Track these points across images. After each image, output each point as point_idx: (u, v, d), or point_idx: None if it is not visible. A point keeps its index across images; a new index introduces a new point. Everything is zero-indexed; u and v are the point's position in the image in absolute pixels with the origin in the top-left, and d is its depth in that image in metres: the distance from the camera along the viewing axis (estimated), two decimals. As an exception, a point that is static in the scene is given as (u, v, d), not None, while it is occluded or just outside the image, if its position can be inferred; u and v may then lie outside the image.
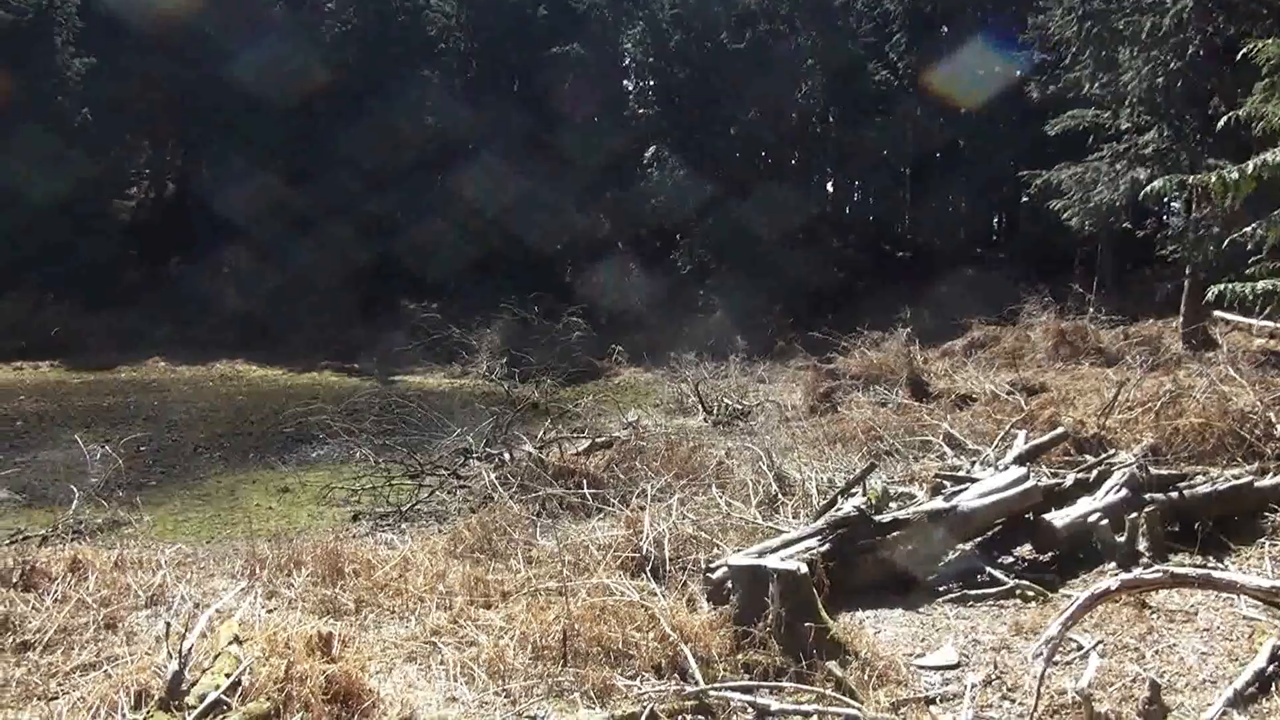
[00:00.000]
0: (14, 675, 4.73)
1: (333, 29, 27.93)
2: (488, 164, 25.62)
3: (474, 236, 24.76)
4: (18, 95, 23.32)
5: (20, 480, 9.54)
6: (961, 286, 21.22)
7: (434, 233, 24.50)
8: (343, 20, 27.92)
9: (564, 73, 27.18)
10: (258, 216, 24.53)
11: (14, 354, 20.77)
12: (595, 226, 27.36)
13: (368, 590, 5.99)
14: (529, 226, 24.88)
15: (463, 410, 13.22)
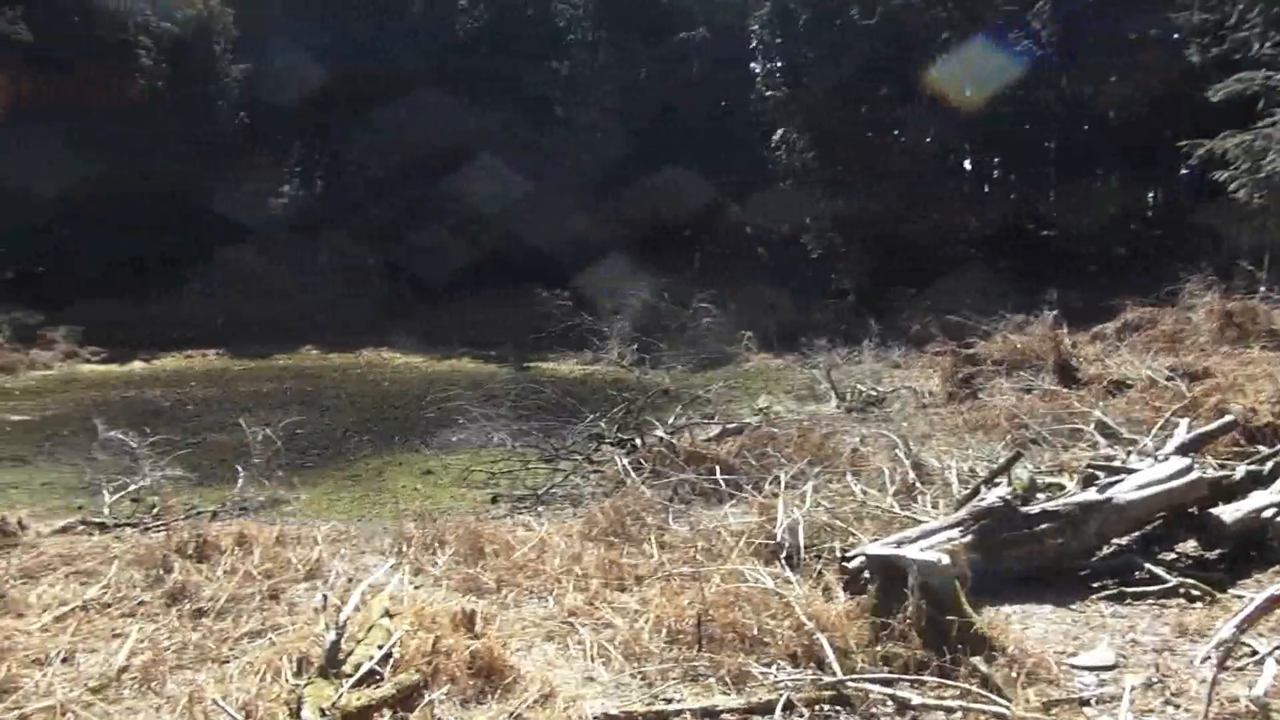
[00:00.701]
0: (191, 639, 5.11)
1: (465, 24, 28.85)
2: (615, 147, 25.88)
3: (606, 219, 25.08)
4: (183, 99, 25.05)
5: (192, 460, 10.24)
6: (1113, 265, 20.00)
7: (561, 216, 24.95)
8: (474, 17, 28.76)
9: (690, 57, 27.12)
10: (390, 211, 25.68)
11: (185, 344, 22.46)
12: (721, 210, 27.23)
13: (507, 570, 6.17)
14: (657, 208, 24.99)
15: (595, 396, 13.44)
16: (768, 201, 26.77)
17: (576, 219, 25.21)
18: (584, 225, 25.09)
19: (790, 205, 26.32)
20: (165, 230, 23.83)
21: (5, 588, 5.76)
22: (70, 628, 5.23)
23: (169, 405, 15.84)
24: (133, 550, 6.59)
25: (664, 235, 26.22)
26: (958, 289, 20.82)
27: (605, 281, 23.01)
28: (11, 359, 19.25)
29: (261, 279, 24.98)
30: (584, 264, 24.94)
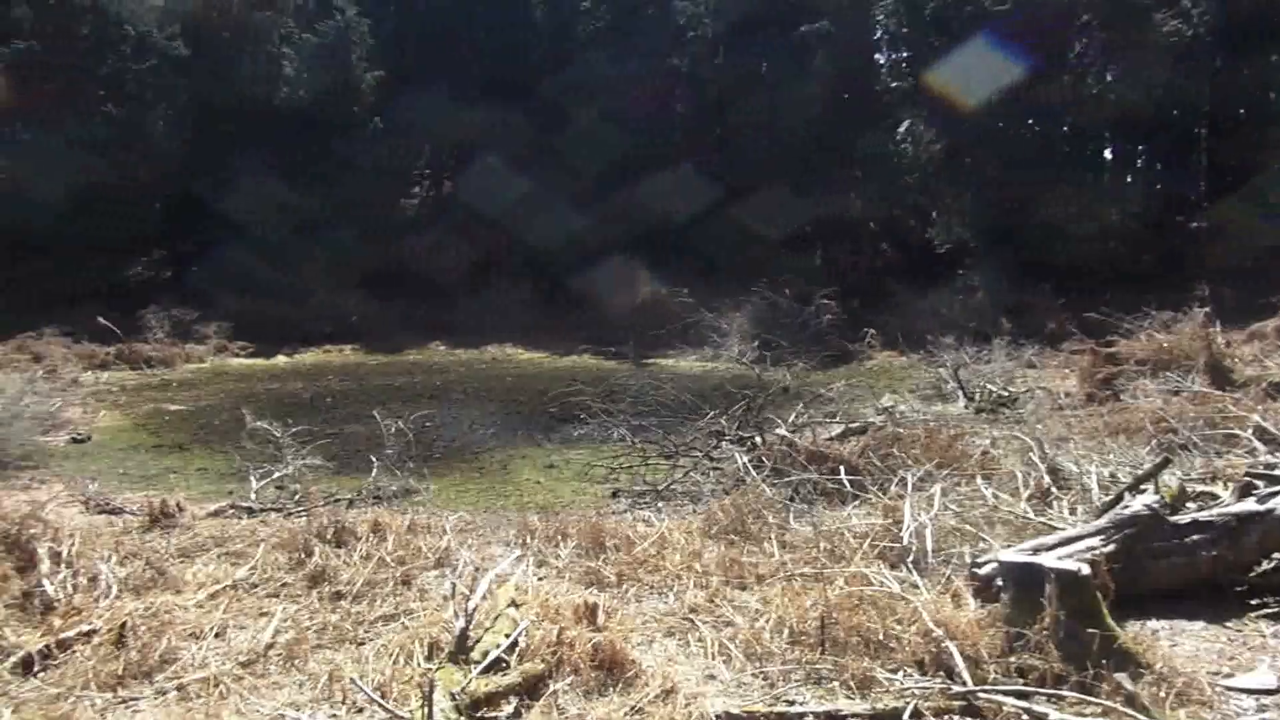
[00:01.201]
0: (330, 620, 5.37)
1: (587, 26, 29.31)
2: (736, 145, 25.78)
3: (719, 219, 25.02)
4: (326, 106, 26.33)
5: (330, 450, 10.75)
6: (1271, 259, 18.58)
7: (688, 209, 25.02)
8: (596, 17, 29.15)
9: (813, 49, 26.71)
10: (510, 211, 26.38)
11: (324, 338, 23.62)
12: (844, 205, 26.70)
13: (628, 565, 6.22)
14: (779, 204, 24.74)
15: (714, 393, 13.40)
16: (891, 195, 26.11)
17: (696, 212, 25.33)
18: (704, 223, 25.09)
19: (916, 199, 25.59)
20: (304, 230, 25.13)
21: (165, 565, 6.19)
22: (222, 605, 5.58)
23: (309, 397, 16.68)
24: (277, 534, 6.97)
25: (785, 230, 25.90)
26: (1097, 284, 19.78)
27: (724, 279, 22.98)
28: (170, 353, 20.68)
29: (395, 276, 26.04)
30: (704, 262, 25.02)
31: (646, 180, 26.06)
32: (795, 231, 26.01)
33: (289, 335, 22.98)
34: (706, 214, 25.49)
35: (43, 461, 10.88)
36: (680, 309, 18.19)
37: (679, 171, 26.34)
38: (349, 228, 25.68)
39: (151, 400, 16.30)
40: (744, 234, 24.79)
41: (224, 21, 26.39)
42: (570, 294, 25.73)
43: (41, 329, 19.88)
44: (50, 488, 9.26)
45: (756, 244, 24.62)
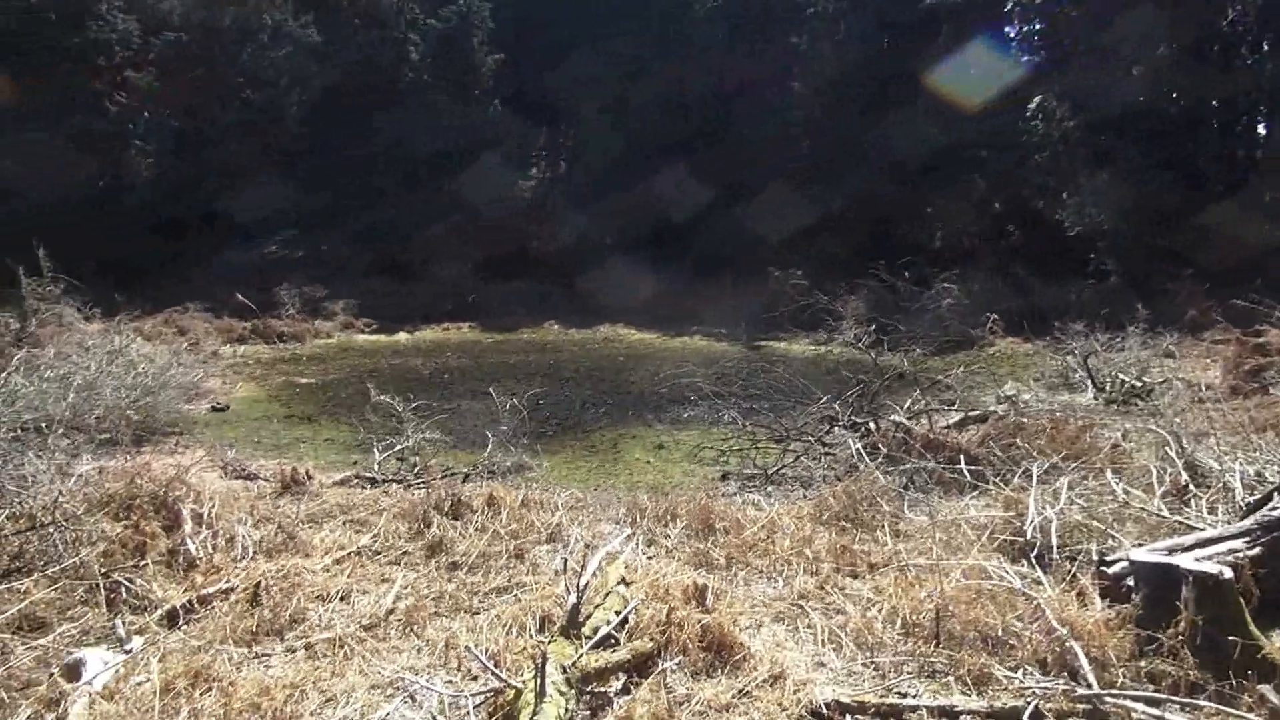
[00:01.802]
0: (447, 589, 5.54)
1: (704, 5, 29.11)
2: (851, 123, 25.17)
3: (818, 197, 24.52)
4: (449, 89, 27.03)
5: (448, 425, 11.06)
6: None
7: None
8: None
9: (938, 24, 25.77)
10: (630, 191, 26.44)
11: (444, 316, 24.39)
12: (968, 185, 25.73)
13: (736, 548, 6.20)
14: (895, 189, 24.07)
15: (827, 377, 13.17)
16: (1018, 175, 24.98)
17: (791, 200, 24.92)
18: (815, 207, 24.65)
19: (1045, 179, 24.40)
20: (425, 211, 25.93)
21: (296, 530, 6.52)
22: (347, 570, 5.84)
23: (429, 373, 17.24)
24: (398, 504, 7.23)
25: (899, 210, 25.19)
26: (1244, 270, 18.47)
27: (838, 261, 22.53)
28: (301, 328, 21.72)
29: (510, 258, 26.62)
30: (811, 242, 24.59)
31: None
32: (914, 212, 25.26)
33: (410, 313, 23.80)
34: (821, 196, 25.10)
35: (186, 428, 11.61)
36: (794, 291, 17.92)
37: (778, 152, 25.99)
38: (467, 207, 26.31)
39: (283, 373, 17.16)
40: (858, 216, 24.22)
41: (354, 8, 27.36)
42: (682, 276, 25.72)
43: (186, 304, 21.18)
44: (193, 453, 9.87)
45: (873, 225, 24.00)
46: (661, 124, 27.42)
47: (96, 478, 6.97)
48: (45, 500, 5.78)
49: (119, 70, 24.74)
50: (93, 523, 5.81)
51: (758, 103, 27.56)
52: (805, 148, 27.03)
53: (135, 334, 15.58)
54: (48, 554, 5.41)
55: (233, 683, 4.15)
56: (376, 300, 23.85)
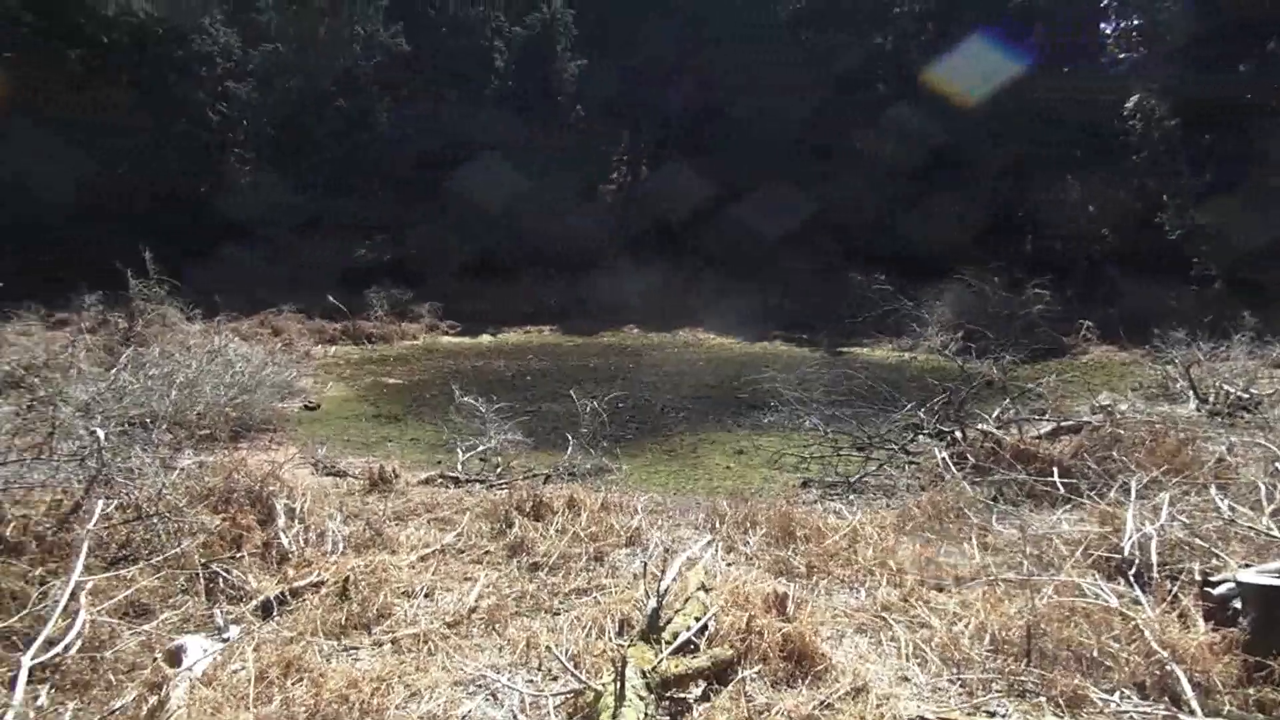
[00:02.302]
0: (528, 589, 5.61)
1: (790, 4, 28.93)
2: (944, 125, 24.63)
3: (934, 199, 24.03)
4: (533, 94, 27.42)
5: (529, 426, 11.20)
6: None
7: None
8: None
9: (1032, 20, 25.06)
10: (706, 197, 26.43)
11: (526, 319, 24.74)
12: (1060, 187, 24.91)
13: (818, 556, 6.11)
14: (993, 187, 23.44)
15: (911, 384, 12.90)
16: (1114, 177, 24.07)
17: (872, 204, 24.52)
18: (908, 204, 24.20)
19: (1144, 180, 23.46)
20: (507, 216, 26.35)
21: (383, 526, 6.68)
22: (431, 567, 5.96)
23: (511, 375, 17.50)
24: (481, 504, 7.36)
25: (993, 215, 24.52)
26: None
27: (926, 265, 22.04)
28: (388, 330, 22.31)
29: (590, 263, 26.85)
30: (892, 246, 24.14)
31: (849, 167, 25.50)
32: (1005, 215, 24.58)
33: (493, 316, 24.20)
34: (905, 198, 24.63)
35: (280, 426, 12.02)
36: (878, 296, 17.57)
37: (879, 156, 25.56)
38: (550, 213, 26.62)
39: (371, 374, 17.63)
40: (948, 218, 23.64)
41: (441, 18, 27.97)
42: (763, 280, 25.55)
43: (281, 306, 21.94)
44: (286, 450, 10.23)
45: (961, 228, 23.40)
46: (747, 134, 27.29)
47: (197, 472, 7.27)
48: (150, 492, 6.04)
49: (220, 81, 25.81)
50: (193, 515, 6.05)
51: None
52: (889, 151, 26.53)
53: (233, 334, 16.23)
54: (152, 544, 5.65)
55: (323, 674, 4.27)
56: (461, 303, 24.33)
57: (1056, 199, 24.50)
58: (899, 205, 24.78)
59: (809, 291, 24.11)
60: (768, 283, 25.51)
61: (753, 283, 25.68)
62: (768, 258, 26.35)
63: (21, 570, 4.91)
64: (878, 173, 25.38)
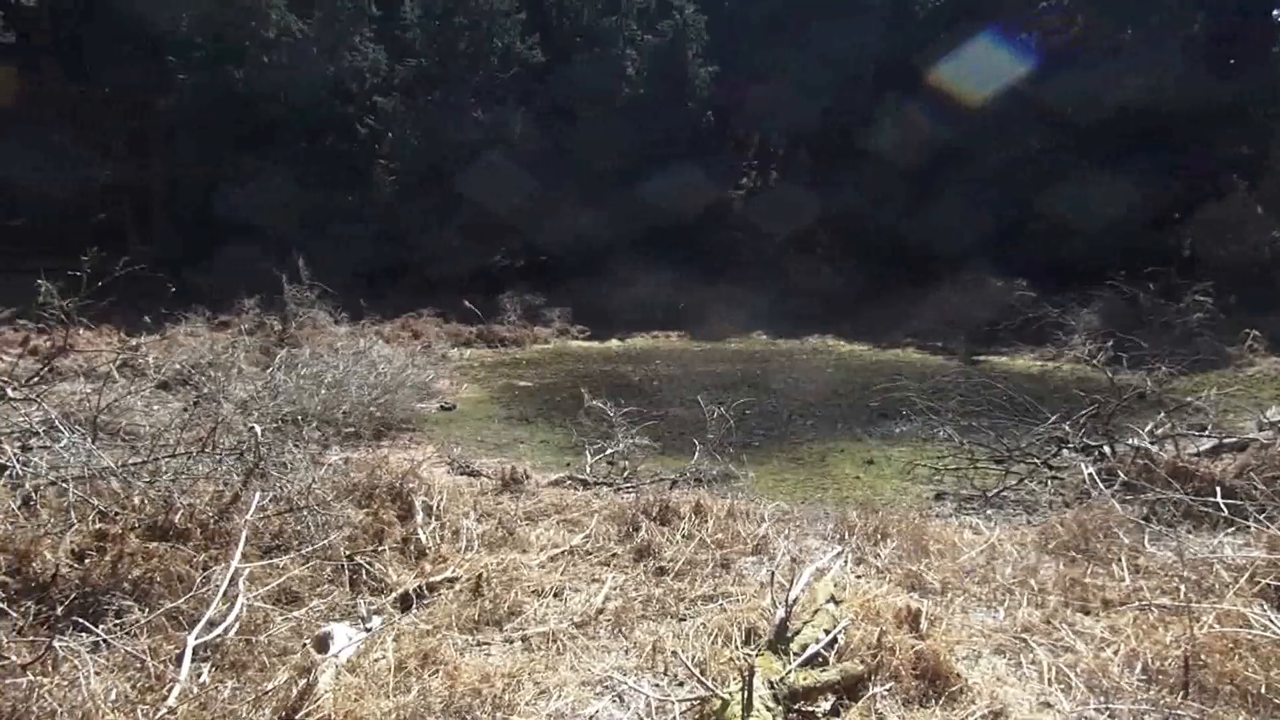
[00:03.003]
0: (654, 594, 5.64)
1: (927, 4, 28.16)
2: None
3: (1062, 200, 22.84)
4: (661, 99, 27.62)
5: (656, 431, 11.25)
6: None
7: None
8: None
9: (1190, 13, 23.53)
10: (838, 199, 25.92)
11: (653, 324, 24.93)
12: (1226, 184, 23.22)
13: (952, 572, 5.91)
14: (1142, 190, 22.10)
15: (1055, 396, 12.31)
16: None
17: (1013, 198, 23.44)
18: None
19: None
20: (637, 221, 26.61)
21: (514, 526, 6.87)
22: (560, 567, 6.08)
23: (638, 380, 17.65)
24: (609, 507, 7.45)
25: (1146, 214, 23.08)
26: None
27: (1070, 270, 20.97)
28: (520, 334, 22.93)
29: (716, 267, 26.81)
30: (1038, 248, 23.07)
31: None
32: (1160, 216, 23.12)
33: (622, 321, 24.49)
34: (1043, 195, 23.50)
35: (419, 425, 12.51)
36: (1019, 303, 16.83)
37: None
38: (678, 217, 26.73)
39: (504, 376, 18.15)
40: (1091, 218, 22.39)
41: (575, 28, 28.54)
42: (897, 285, 24.91)
43: (420, 310, 22.88)
44: (424, 449, 10.63)
45: (1109, 230, 22.10)
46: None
47: (343, 468, 7.67)
48: (301, 486, 6.40)
49: (369, 95, 27.11)
50: (339, 509, 6.38)
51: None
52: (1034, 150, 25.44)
53: (377, 336, 17.03)
54: (302, 535, 5.99)
55: (457, 667, 4.42)
56: (591, 308, 24.73)
57: (1220, 200, 22.85)
58: (1044, 208, 23.66)
59: (944, 298, 23.31)
60: (900, 289, 24.85)
61: (883, 289, 25.09)
62: (898, 262, 25.69)
63: (187, 555, 5.28)
64: (1022, 174, 24.36)
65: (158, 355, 13.30)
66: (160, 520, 5.54)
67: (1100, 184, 22.43)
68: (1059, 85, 24.32)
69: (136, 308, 16.74)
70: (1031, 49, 26.48)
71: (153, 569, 5.04)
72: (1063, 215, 22.91)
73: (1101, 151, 23.53)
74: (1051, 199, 23.39)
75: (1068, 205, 22.79)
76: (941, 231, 23.99)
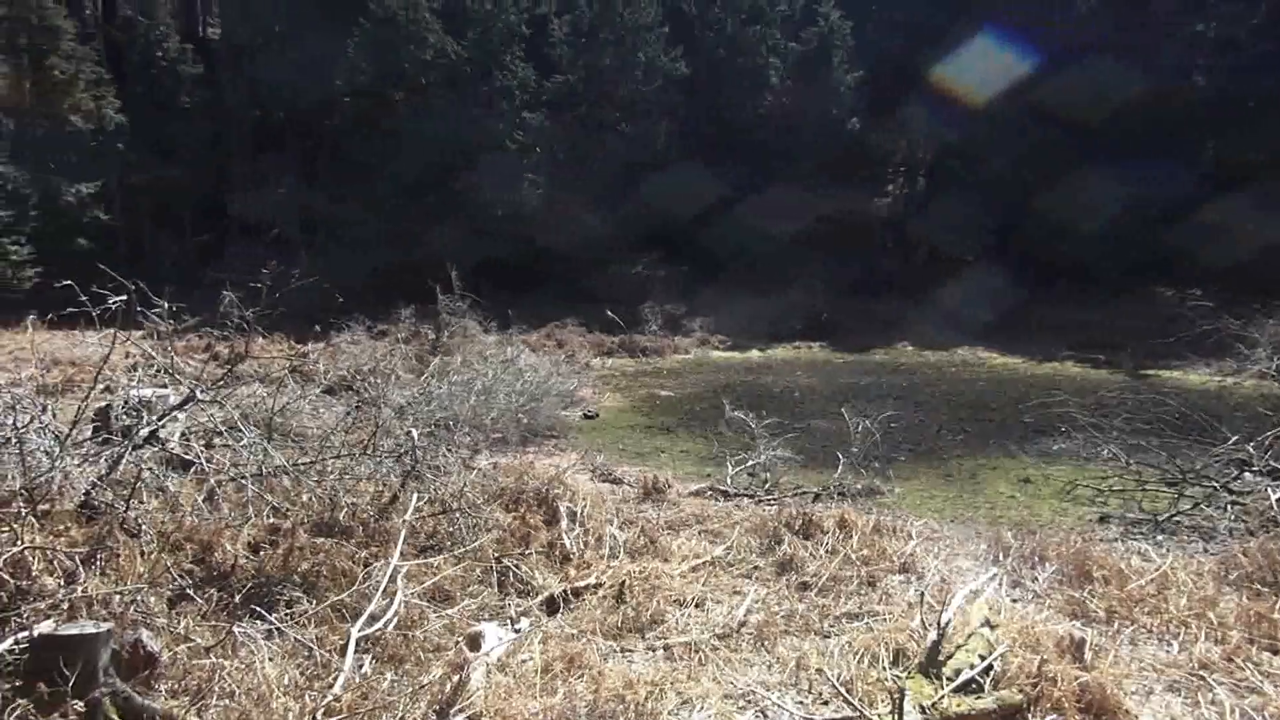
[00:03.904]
0: (797, 608, 5.55)
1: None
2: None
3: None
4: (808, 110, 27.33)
5: (798, 443, 11.08)
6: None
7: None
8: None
9: None
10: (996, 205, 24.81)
11: (794, 335, 24.65)
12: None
13: (1119, 601, 5.55)
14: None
15: (1236, 414, 11.38)
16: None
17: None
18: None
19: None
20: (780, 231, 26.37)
21: (656, 535, 6.91)
22: (701, 578, 6.08)
23: (779, 391, 17.46)
24: (750, 519, 7.40)
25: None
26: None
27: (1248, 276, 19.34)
28: (662, 344, 23.14)
29: (863, 277, 26.23)
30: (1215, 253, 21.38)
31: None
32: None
33: (763, 331, 24.31)
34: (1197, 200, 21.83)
35: (563, 432, 12.80)
36: (1193, 314, 15.60)
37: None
38: (824, 226, 26.32)
39: (645, 385, 18.32)
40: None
41: (719, 39, 28.62)
42: (1056, 296, 23.69)
43: (565, 320, 23.43)
44: (568, 456, 10.86)
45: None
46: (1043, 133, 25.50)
47: (491, 472, 7.92)
48: (454, 489, 6.65)
49: (518, 112, 28.02)
50: (489, 512, 6.60)
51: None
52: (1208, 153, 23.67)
53: (523, 345, 17.54)
54: (454, 536, 6.22)
55: (601, 672, 4.49)
56: (731, 318, 24.68)
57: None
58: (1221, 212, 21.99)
59: (1108, 308, 21.98)
60: (1059, 299, 23.62)
61: (1040, 299, 23.89)
62: (1057, 273, 24.41)
63: (350, 551, 5.58)
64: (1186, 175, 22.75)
65: (323, 361, 14.15)
66: (326, 517, 5.88)
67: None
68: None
69: (305, 316, 17.86)
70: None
71: (319, 563, 5.35)
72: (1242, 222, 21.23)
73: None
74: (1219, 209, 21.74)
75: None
76: (1103, 242, 22.66)
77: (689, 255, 27.65)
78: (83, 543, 4.69)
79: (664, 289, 26.34)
